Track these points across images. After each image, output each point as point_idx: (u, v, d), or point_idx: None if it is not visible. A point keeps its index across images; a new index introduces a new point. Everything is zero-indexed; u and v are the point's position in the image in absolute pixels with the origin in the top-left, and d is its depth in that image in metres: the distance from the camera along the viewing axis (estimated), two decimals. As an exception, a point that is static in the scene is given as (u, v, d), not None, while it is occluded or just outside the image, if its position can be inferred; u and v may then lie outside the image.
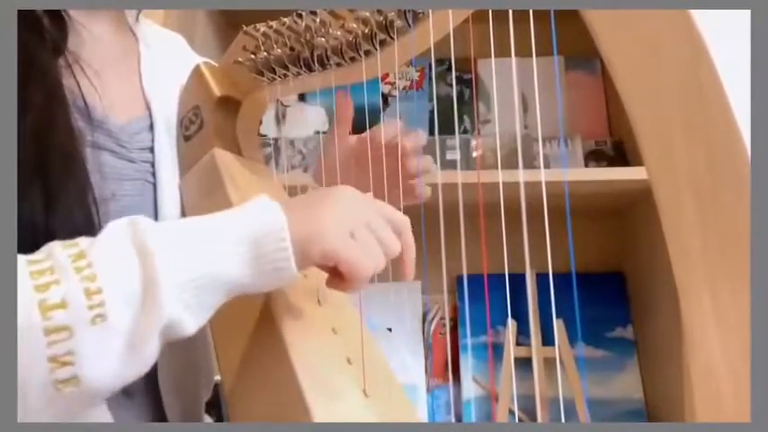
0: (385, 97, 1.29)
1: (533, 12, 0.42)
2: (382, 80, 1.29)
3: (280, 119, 1.27)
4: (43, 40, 0.56)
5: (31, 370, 0.39)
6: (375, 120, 1.22)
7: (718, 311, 0.32)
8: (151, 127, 0.65)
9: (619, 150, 1.21)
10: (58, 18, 0.60)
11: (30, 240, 0.50)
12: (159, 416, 0.61)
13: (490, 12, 0.45)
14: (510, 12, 0.43)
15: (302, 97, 1.29)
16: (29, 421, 0.40)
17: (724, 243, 0.32)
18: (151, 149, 0.64)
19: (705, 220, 0.32)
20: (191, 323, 0.43)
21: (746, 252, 0.31)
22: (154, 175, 0.63)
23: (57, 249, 0.42)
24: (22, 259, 0.42)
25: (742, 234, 0.31)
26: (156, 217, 0.62)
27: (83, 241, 0.42)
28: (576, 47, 0.87)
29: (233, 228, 0.45)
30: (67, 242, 0.43)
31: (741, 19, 0.33)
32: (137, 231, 0.43)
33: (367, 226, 0.48)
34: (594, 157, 1.21)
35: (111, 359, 0.40)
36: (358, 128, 0.70)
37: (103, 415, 0.55)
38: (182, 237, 0.44)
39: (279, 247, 0.44)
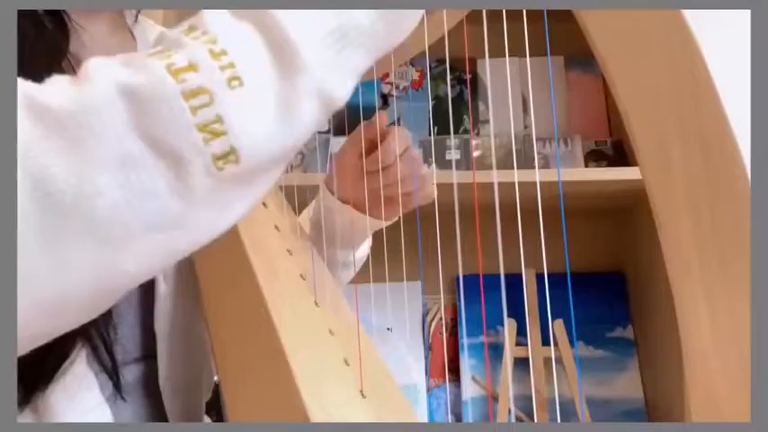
0: (384, 97, 1.29)
1: (531, 12, 0.43)
2: (382, 80, 1.29)
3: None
4: (45, 42, 0.57)
5: (183, 142, 0.34)
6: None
7: (713, 315, 0.32)
8: None
9: (619, 150, 1.21)
10: (59, 20, 0.60)
11: None
12: (159, 416, 0.61)
13: (484, 12, 0.45)
14: (504, 12, 0.43)
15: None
16: (202, 220, 0.36)
17: (721, 251, 0.32)
18: None
19: (700, 225, 0.32)
20: (341, 86, 0.38)
21: (742, 255, 0.31)
22: None
23: (165, 32, 0.37)
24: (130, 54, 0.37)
25: (737, 237, 0.31)
26: None
27: (188, 21, 0.38)
28: (575, 47, 0.86)
29: None
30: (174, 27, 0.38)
31: (741, 19, 0.33)
32: (235, 11, 0.37)
33: None
34: (594, 157, 1.21)
35: (264, 125, 0.36)
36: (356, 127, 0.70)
37: (104, 415, 0.55)
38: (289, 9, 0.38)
39: None
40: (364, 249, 0.74)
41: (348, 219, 0.66)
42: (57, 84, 0.35)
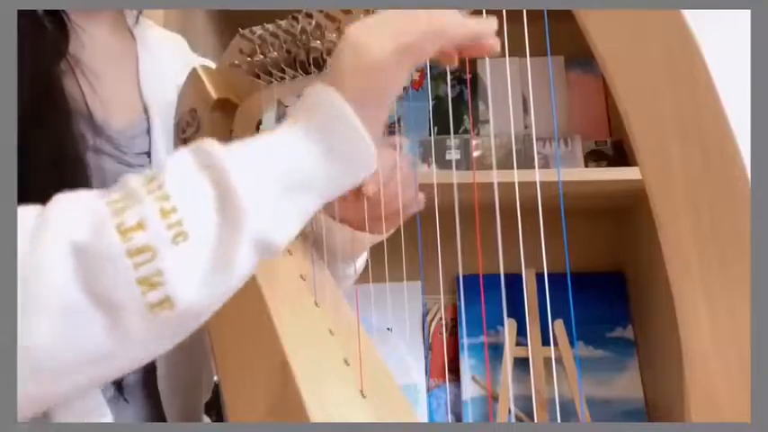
0: (384, 97, 1.29)
1: (531, 12, 0.42)
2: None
3: (280, 119, 1.27)
4: (45, 43, 0.56)
5: (122, 295, 0.37)
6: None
7: (713, 315, 0.32)
8: (148, 131, 0.65)
9: (619, 150, 1.21)
10: (59, 21, 0.60)
11: None
12: (158, 416, 0.61)
13: (484, 12, 0.45)
14: (504, 12, 0.43)
15: (302, 97, 1.29)
16: (134, 353, 0.40)
17: (720, 250, 0.32)
18: (148, 154, 0.64)
19: (700, 225, 0.32)
20: (281, 234, 0.41)
21: (742, 255, 0.31)
22: None
23: (129, 178, 0.41)
24: (97, 192, 0.40)
25: (737, 238, 0.31)
26: None
27: (149, 170, 0.41)
28: (575, 47, 0.86)
29: (296, 128, 0.42)
30: (137, 173, 0.41)
31: (741, 19, 0.33)
32: (201, 150, 0.41)
33: (399, 23, 0.44)
34: (594, 157, 1.21)
35: (201, 277, 0.39)
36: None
37: (105, 416, 0.55)
38: (250, 146, 0.42)
39: (348, 127, 0.42)
40: (363, 258, 0.73)
41: (348, 236, 0.66)
42: (23, 224, 0.38)
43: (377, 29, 0.44)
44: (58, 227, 0.38)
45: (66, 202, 0.40)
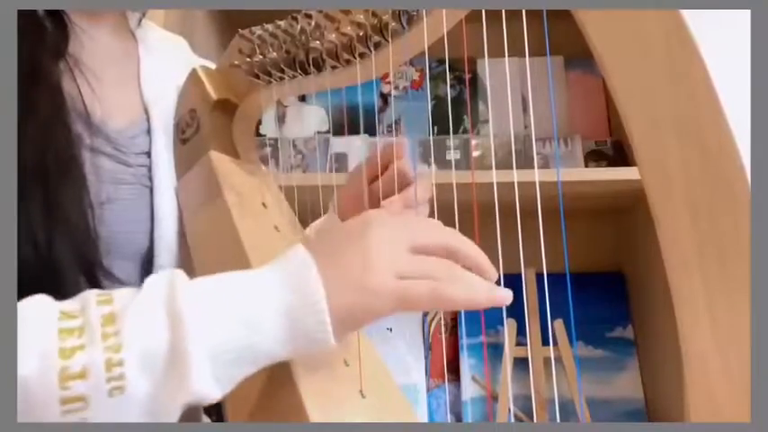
0: (384, 97, 1.29)
1: (531, 12, 0.42)
2: (382, 80, 1.29)
3: (279, 119, 1.27)
4: (44, 42, 0.57)
5: (42, 412, 0.39)
6: (371, 120, 1.22)
7: (713, 316, 0.32)
8: (148, 131, 0.65)
9: (619, 150, 1.21)
10: (59, 21, 0.60)
11: (29, 243, 0.50)
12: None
13: (483, 12, 0.45)
14: (503, 12, 0.43)
15: (302, 98, 1.29)
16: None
17: (719, 250, 0.32)
18: (148, 154, 0.64)
19: (699, 226, 0.32)
20: (217, 394, 0.42)
21: (741, 256, 0.31)
22: (151, 179, 0.63)
23: (91, 305, 0.42)
24: (55, 309, 0.42)
25: (736, 238, 0.31)
26: (151, 221, 0.62)
27: (118, 299, 0.42)
28: (575, 47, 0.86)
29: (270, 299, 0.42)
30: (103, 296, 0.42)
31: (741, 19, 0.33)
32: (173, 294, 0.42)
33: (412, 260, 0.44)
34: (594, 157, 1.21)
35: (126, 423, 0.41)
36: (357, 128, 0.70)
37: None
38: (217, 305, 0.42)
39: (318, 323, 0.42)
40: None
41: None
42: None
43: (392, 253, 0.43)
44: (19, 353, 0.39)
45: (25, 320, 0.41)
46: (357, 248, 0.44)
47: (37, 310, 0.42)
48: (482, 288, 0.44)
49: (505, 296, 0.44)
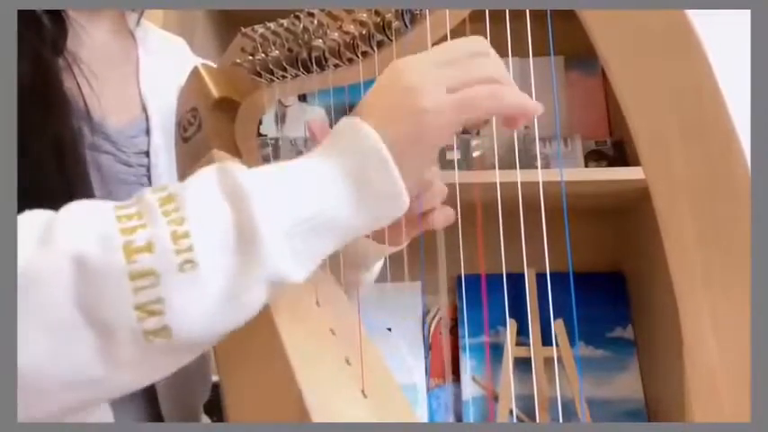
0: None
1: (532, 12, 0.42)
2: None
3: (280, 119, 1.27)
4: (43, 39, 0.56)
5: (117, 318, 0.36)
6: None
7: (715, 315, 0.32)
8: (147, 131, 0.65)
9: (619, 150, 1.21)
10: (57, 18, 0.60)
11: None
12: (159, 416, 0.61)
13: (487, 12, 0.45)
14: (507, 12, 0.43)
15: (302, 97, 1.29)
16: (123, 379, 0.38)
17: (722, 247, 0.32)
18: (147, 154, 0.64)
19: (703, 225, 0.32)
20: (299, 273, 0.39)
21: (744, 256, 0.31)
22: (150, 179, 0.63)
23: (145, 193, 0.39)
24: (110, 204, 0.39)
25: (740, 238, 0.31)
26: None
27: (172, 185, 0.39)
28: (575, 47, 0.87)
29: (328, 165, 0.40)
30: (158, 186, 0.40)
31: (741, 19, 0.33)
32: (227, 174, 0.39)
33: (452, 75, 0.41)
34: (594, 157, 1.21)
35: (205, 309, 0.37)
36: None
37: (105, 415, 0.55)
38: (278, 178, 0.40)
39: (385, 177, 0.39)
40: (380, 263, 0.71)
41: (364, 246, 0.65)
42: (30, 231, 0.37)
43: (432, 72, 0.42)
44: (64, 235, 0.36)
45: (76, 210, 0.38)
46: (396, 84, 0.42)
47: (86, 204, 0.39)
48: (523, 95, 0.43)
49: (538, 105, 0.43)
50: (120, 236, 0.36)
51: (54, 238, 0.36)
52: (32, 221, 0.38)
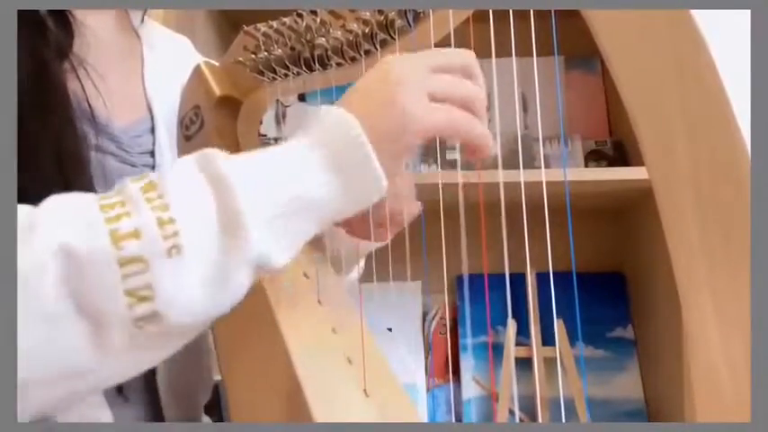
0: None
1: (534, 11, 0.42)
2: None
3: (280, 119, 1.27)
4: (48, 42, 0.56)
5: (107, 305, 0.36)
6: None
7: (718, 311, 0.32)
8: (152, 130, 0.65)
9: (619, 150, 1.21)
10: (62, 20, 0.59)
11: None
12: (159, 416, 0.61)
13: (491, 12, 0.45)
14: (510, 12, 0.43)
15: (302, 97, 1.29)
16: (115, 367, 0.38)
17: (725, 242, 0.32)
18: (152, 153, 0.64)
19: (705, 219, 0.32)
20: (281, 256, 0.40)
21: (747, 251, 0.31)
22: None
23: (126, 183, 0.39)
24: (91, 196, 0.39)
25: (743, 232, 0.31)
26: None
27: (152, 173, 0.40)
28: (576, 47, 0.87)
29: (308, 149, 0.41)
30: (138, 176, 0.40)
31: (741, 19, 0.33)
32: (207, 160, 0.40)
33: (439, 85, 0.43)
34: (594, 157, 1.21)
35: (193, 293, 0.37)
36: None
37: (105, 415, 0.55)
38: (258, 163, 0.41)
39: (365, 162, 0.40)
40: (355, 273, 0.71)
41: (351, 244, 0.65)
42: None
43: (422, 76, 0.43)
44: (48, 227, 0.36)
45: (58, 203, 0.38)
46: (381, 79, 0.43)
47: (67, 196, 0.39)
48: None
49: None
50: (105, 224, 0.36)
51: (37, 232, 0.36)
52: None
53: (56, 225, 0.36)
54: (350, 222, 0.62)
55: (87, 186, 0.54)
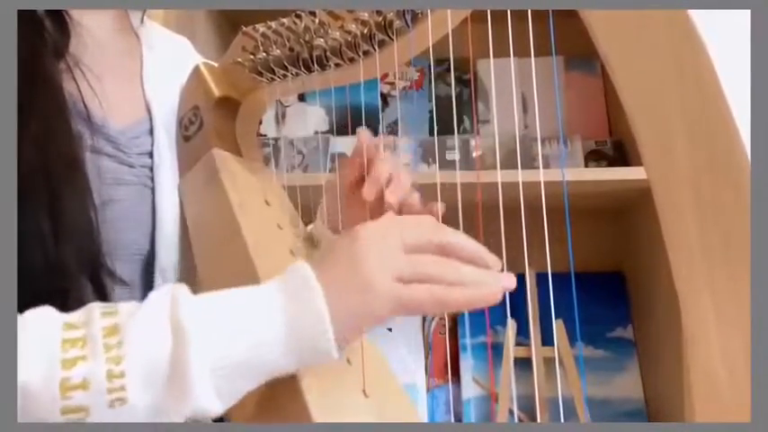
0: (384, 97, 1.29)
1: (533, 12, 0.42)
2: (382, 80, 1.29)
3: (280, 119, 1.27)
4: (45, 42, 0.56)
5: (43, 418, 0.40)
6: (373, 119, 1.22)
7: (717, 312, 0.32)
8: (151, 131, 0.65)
9: (619, 150, 1.21)
10: (59, 20, 0.59)
11: (37, 246, 0.50)
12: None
13: (489, 12, 0.45)
14: (509, 12, 0.43)
15: (302, 97, 1.29)
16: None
17: (723, 243, 0.32)
18: (150, 154, 0.64)
19: (705, 220, 0.32)
20: (219, 408, 0.42)
21: (746, 252, 0.31)
22: (152, 180, 0.63)
23: (95, 318, 0.42)
24: (59, 320, 0.42)
25: (741, 233, 0.31)
26: (153, 221, 0.62)
27: (123, 311, 0.42)
28: (575, 47, 0.87)
29: (271, 313, 0.43)
30: (108, 308, 0.43)
31: (741, 19, 0.33)
32: (176, 307, 0.42)
33: (409, 263, 0.44)
34: (594, 157, 1.21)
35: (126, 425, 0.41)
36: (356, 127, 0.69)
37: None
38: (219, 318, 0.43)
39: (321, 338, 0.42)
40: None
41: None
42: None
43: (389, 258, 0.44)
44: (20, 359, 0.40)
45: (29, 331, 0.41)
46: (350, 257, 0.44)
47: (41, 321, 0.42)
48: (485, 282, 0.44)
49: (509, 284, 0.44)
50: (60, 368, 0.40)
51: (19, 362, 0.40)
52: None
53: (23, 361, 0.40)
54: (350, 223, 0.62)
55: (82, 187, 0.54)
